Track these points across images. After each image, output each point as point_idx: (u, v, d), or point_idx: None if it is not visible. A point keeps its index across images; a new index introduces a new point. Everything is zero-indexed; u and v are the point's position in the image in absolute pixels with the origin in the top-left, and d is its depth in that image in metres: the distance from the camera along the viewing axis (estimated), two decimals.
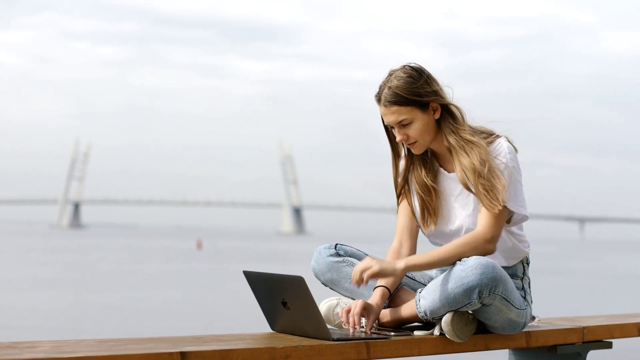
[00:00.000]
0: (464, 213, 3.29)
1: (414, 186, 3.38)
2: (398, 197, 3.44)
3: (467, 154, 3.21)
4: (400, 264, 3.13)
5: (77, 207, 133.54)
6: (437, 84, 3.25)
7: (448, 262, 3.14)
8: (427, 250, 3.21)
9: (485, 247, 3.17)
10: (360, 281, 3.08)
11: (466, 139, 3.23)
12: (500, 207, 3.17)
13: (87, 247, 45.48)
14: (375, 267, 3.09)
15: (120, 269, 26.34)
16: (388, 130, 3.35)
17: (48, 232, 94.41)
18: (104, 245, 50.93)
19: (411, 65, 3.25)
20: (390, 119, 3.24)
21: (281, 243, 67.48)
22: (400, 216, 3.42)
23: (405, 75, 3.22)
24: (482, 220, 3.20)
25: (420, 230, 3.41)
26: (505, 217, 3.22)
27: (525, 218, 3.33)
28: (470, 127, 3.28)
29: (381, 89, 3.25)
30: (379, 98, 3.26)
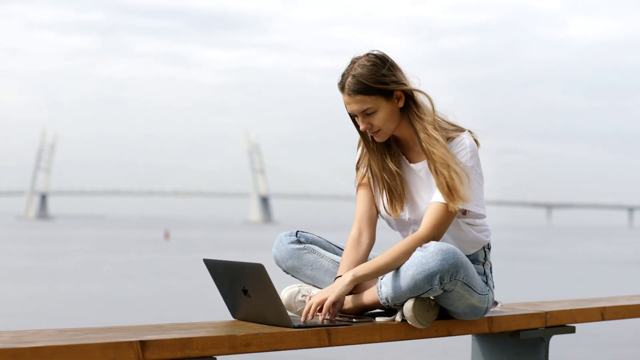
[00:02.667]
0: (426, 203, 3.27)
1: (378, 172, 3.34)
2: (358, 182, 3.41)
3: (429, 147, 3.18)
4: (348, 277, 3.11)
5: (44, 198, 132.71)
6: (401, 72, 3.22)
7: (392, 268, 3.12)
8: (388, 237, 3.18)
9: None
10: (322, 314, 3.05)
11: (428, 133, 3.20)
12: (456, 209, 3.16)
13: (53, 239, 45.16)
14: (332, 297, 3.06)
15: (85, 260, 26.17)
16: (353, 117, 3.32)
17: (14, 223, 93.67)
18: (70, 236, 50.59)
19: (374, 53, 3.23)
20: (354, 107, 3.21)
21: (248, 232, 67.37)
22: (360, 203, 3.38)
23: (369, 63, 3.19)
24: (427, 221, 3.18)
25: (380, 218, 3.39)
26: (452, 218, 3.20)
27: (481, 216, 3.32)
28: (436, 118, 3.23)
29: (344, 77, 3.21)
30: (342, 87, 3.22)
